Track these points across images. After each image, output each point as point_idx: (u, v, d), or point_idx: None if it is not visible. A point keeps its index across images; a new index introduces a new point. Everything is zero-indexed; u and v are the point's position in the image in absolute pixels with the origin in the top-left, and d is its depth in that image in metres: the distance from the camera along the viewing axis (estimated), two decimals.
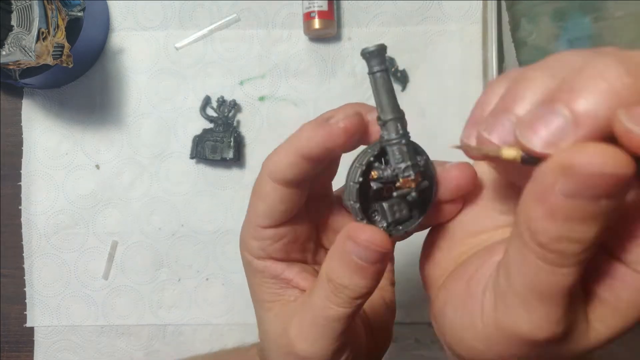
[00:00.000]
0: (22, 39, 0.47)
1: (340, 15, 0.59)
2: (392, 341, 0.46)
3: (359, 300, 0.26)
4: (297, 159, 0.26)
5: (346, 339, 0.28)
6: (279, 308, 0.30)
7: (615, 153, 0.16)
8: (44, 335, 0.59)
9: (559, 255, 0.19)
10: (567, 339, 0.21)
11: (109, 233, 0.59)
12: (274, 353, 0.30)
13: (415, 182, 0.24)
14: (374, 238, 0.24)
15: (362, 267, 0.25)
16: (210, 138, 0.58)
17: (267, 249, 0.29)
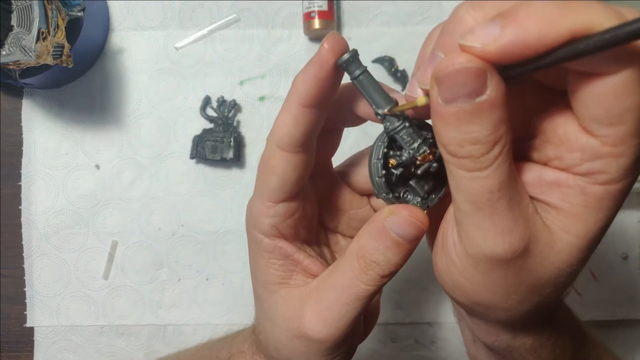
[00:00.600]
0: (22, 39, 0.47)
1: (340, 15, 0.59)
2: (393, 342, 0.46)
3: (386, 278, 0.27)
4: (298, 111, 0.27)
5: (356, 324, 0.29)
6: (286, 291, 0.30)
7: (459, 53, 0.20)
8: (44, 335, 0.59)
9: (469, 159, 0.21)
10: (532, 252, 0.23)
11: (109, 233, 0.59)
12: (280, 336, 0.30)
13: (432, 154, 0.26)
14: (416, 214, 0.26)
15: (398, 243, 0.26)
16: (210, 138, 0.58)
17: (280, 226, 0.29)
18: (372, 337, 0.59)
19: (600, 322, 0.59)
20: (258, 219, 0.30)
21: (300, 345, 0.29)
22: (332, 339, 0.28)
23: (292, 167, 0.28)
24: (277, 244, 0.30)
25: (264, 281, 0.31)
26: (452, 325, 0.59)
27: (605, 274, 0.59)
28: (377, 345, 0.59)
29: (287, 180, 0.28)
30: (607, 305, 0.58)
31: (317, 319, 0.28)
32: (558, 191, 0.22)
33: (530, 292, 0.24)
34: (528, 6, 0.19)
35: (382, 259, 0.26)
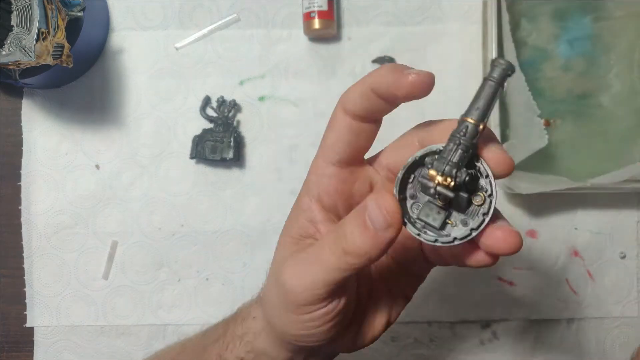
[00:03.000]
0: (22, 39, 0.47)
1: (340, 15, 0.59)
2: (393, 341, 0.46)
3: (349, 257, 0.27)
4: (367, 91, 0.28)
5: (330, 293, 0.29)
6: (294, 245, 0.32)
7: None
8: (43, 335, 0.59)
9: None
10: None
11: (109, 233, 0.59)
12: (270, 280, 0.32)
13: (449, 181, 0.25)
14: (387, 205, 0.26)
15: (367, 226, 0.27)
16: (210, 138, 0.58)
17: (321, 186, 0.31)
18: None
19: (597, 320, 0.59)
20: (309, 177, 0.32)
21: (276, 294, 0.31)
22: (299, 296, 0.29)
23: (349, 127, 0.30)
24: (312, 206, 0.31)
25: (286, 228, 0.33)
26: (451, 324, 0.59)
27: (602, 272, 0.59)
28: (377, 344, 0.59)
29: (343, 137, 0.30)
30: (603, 303, 0.59)
31: (292, 272, 0.29)
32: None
33: None
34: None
35: (349, 234, 0.27)
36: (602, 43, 0.57)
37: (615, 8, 0.57)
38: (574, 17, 0.57)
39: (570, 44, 0.57)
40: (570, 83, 0.57)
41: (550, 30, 0.57)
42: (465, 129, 0.25)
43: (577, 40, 0.57)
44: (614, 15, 0.57)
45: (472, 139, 0.25)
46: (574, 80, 0.57)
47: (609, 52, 0.57)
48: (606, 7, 0.57)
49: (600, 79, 0.57)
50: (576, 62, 0.57)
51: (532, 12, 0.57)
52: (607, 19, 0.57)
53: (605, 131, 0.56)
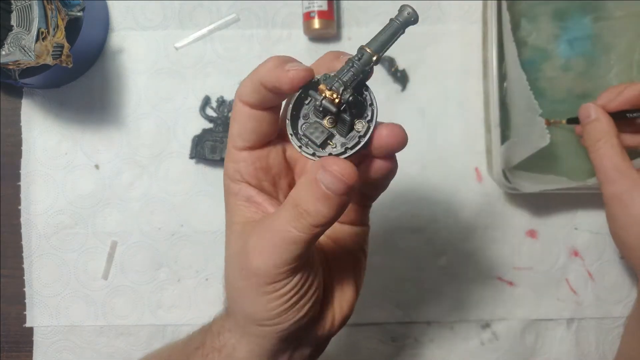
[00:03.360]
0: (22, 38, 0.47)
1: (340, 15, 0.59)
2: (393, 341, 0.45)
3: (318, 228, 0.29)
4: (257, 86, 0.30)
5: (300, 265, 0.30)
6: (244, 226, 0.32)
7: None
8: (43, 335, 0.59)
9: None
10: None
11: (109, 233, 0.59)
12: (230, 270, 0.33)
13: (331, 94, 0.27)
14: (345, 170, 0.28)
15: (327, 196, 0.28)
16: (210, 138, 0.58)
17: (241, 171, 0.33)
18: (372, 337, 0.59)
19: (596, 319, 0.59)
20: (226, 166, 0.33)
21: (244, 280, 0.31)
22: (270, 274, 0.30)
23: (249, 117, 0.31)
24: (240, 186, 0.33)
25: (229, 222, 0.33)
26: (451, 324, 0.59)
27: (602, 272, 0.59)
28: (377, 345, 0.59)
29: (246, 128, 0.31)
30: (603, 303, 0.59)
31: (258, 253, 0.30)
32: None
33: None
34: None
35: (312, 209, 0.28)
36: (602, 43, 0.57)
37: (615, 8, 0.57)
38: (574, 17, 0.57)
39: (570, 44, 0.57)
40: (570, 83, 0.57)
41: (550, 30, 0.57)
42: (361, 55, 0.28)
43: (577, 40, 0.57)
44: (614, 15, 0.57)
45: (365, 65, 0.27)
46: (574, 80, 0.57)
47: (609, 52, 0.57)
48: (606, 7, 0.57)
49: (600, 79, 0.57)
50: (576, 62, 0.57)
51: (532, 12, 0.57)
52: (607, 19, 0.57)
53: None
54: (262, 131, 0.32)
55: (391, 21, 0.28)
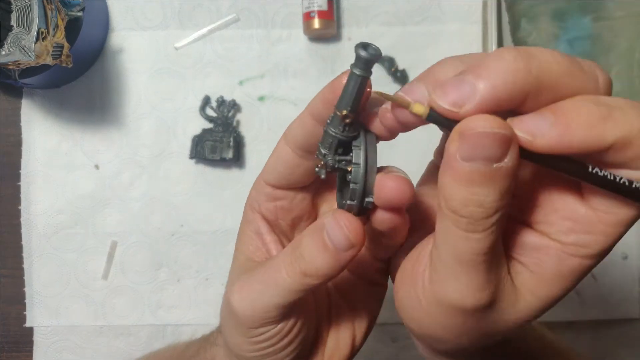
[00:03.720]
0: (22, 38, 0.47)
1: (340, 15, 0.59)
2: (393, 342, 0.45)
3: (308, 279, 0.26)
4: (306, 118, 0.27)
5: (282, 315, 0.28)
6: (245, 262, 0.31)
7: (495, 118, 0.20)
8: (43, 335, 0.59)
9: (468, 220, 0.21)
10: (496, 308, 0.23)
11: (109, 233, 0.59)
12: (223, 300, 0.31)
13: (320, 164, 0.26)
14: (352, 225, 0.25)
15: (327, 246, 0.26)
16: (210, 138, 0.58)
17: (261, 204, 0.31)
18: (372, 337, 0.59)
19: (598, 321, 0.59)
20: (251, 190, 0.31)
21: (227, 313, 0.30)
22: (246, 318, 0.28)
23: (285, 160, 0.29)
24: (255, 217, 0.31)
25: (236, 247, 0.32)
26: None
27: (604, 273, 0.59)
28: (377, 345, 0.59)
29: (277, 168, 0.29)
30: (606, 304, 0.59)
31: (239, 291, 0.28)
32: (536, 255, 0.23)
33: (482, 337, 0.25)
34: (576, 108, 0.21)
35: (307, 256, 0.26)
36: (602, 43, 0.57)
37: (615, 8, 0.56)
38: (574, 17, 0.57)
39: (570, 44, 0.57)
40: None
41: (550, 30, 0.57)
42: (331, 118, 0.26)
43: (577, 40, 0.57)
44: (614, 15, 0.57)
45: (335, 128, 0.26)
46: None
47: (609, 52, 0.57)
48: (606, 7, 0.57)
49: None
50: None
51: (532, 12, 0.57)
52: (607, 19, 0.57)
53: None
54: (294, 179, 0.30)
55: (351, 72, 0.24)
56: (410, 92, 0.23)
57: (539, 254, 0.23)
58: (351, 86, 0.25)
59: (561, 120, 0.20)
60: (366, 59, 0.24)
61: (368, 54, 0.24)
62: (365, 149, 0.26)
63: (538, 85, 0.21)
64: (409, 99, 0.23)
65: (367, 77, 0.24)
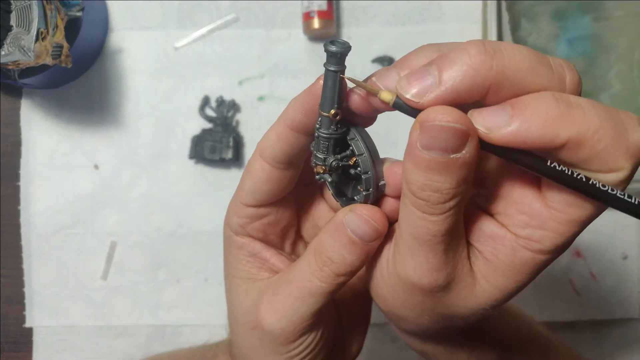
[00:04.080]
0: (21, 39, 0.47)
1: (340, 14, 0.59)
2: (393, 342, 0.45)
3: (342, 277, 0.27)
4: (284, 131, 0.27)
5: (316, 321, 0.28)
6: (250, 285, 0.31)
7: (453, 112, 0.21)
8: (42, 335, 0.59)
9: (425, 202, 0.22)
10: (453, 290, 0.24)
11: (108, 233, 0.59)
12: (240, 329, 0.31)
13: (321, 169, 0.27)
14: (375, 215, 0.26)
15: (354, 242, 0.26)
16: (209, 138, 0.58)
17: (246, 227, 0.31)
18: (372, 337, 0.59)
19: (598, 321, 0.59)
20: (230, 216, 0.31)
21: (255, 339, 0.30)
22: (285, 333, 0.28)
23: (268, 178, 0.29)
24: (244, 241, 0.31)
25: (230, 275, 0.31)
26: None
27: (604, 273, 0.59)
28: (377, 345, 0.59)
29: (260, 189, 0.29)
30: (606, 304, 0.59)
31: (271, 310, 0.28)
32: (492, 244, 0.24)
33: (442, 318, 0.26)
34: (536, 102, 0.21)
35: (337, 257, 0.26)
36: (602, 43, 0.57)
37: (615, 8, 0.56)
38: (574, 17, 0.57)
39: (570, 43, 0.57)
40: None
41: (550, 30, 0.57)
42: (320, 122, 0.26)
43: (577, 40, 0.57)
44: (614, 15, 0.56)
45: (327, 129, 0.26)
46: None
47: (609, 52, 0.57)
48: (606, 7, 0.56)
49: (600, 79, 0.57)
50: (576, 62, 0.57)
51: (532, 12, 0.57)
52: (607, 19, 0.57)
53: None
54: (278, 192, 0.29)
55: (326, 70, 0.25)
56: (382, 79, 0.24)
57: (495, 244, 0.24)
58: (330, 84, 0.25)
59: (518, 114, 0.21)
60: (337, 53, 0.24)
61: (338, 48, 0.24)
62: (362, 138, 0.26)
63: (500, 80, 0.21)
64: (379, 85, 0.24)
65: (342, 70, 0.25)
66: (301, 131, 0.27)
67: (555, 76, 0.22)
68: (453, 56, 0.22)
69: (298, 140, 0.27)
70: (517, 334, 0.37)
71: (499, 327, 0.36)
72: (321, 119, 0.26)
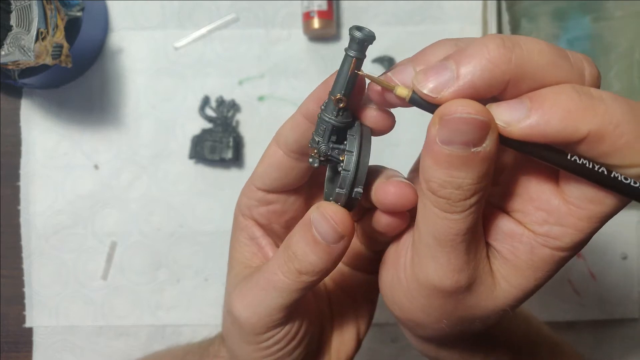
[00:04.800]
0: (21, 39, 0.47)
1: (340, 14, 0.59)
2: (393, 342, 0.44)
3: (305, 276, 0.26)
4: (298, 119, 0.27)
5: (288, 316, 0.28)
6: (240, 269, 0.31)
7: (474, 104, 0.21)
8: (42, 335, 0.59)
9: (446, 201, 0.22)
10: (474, 292, 0.24)
11: (108, 233, 0.59)
12: (224, 308, 0.31)
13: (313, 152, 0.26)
14: (338, 217, 0.25)
15: (317, 241, 0.25)
16: (209, 138, 0.58)
17: (252, 210, 0.31)
18: (372, 337, 0.59)
19: (598, 321, 0.59)
20: (240, 197, 0.31)
21: (229, 323, 0.30)
22: (250, 323, 0.28)
23: (278, 164, 0.29)
24: (247, 223, 0.31)
25: (231, 255, 0.32)
26: None
27: (604, 273, 0.59)
28: (377, 345, 0.59)
29: (269, 174, 0.29)
30: (606, 304, 0.59)
31: (240, 298, 0.28)
32: (510, 243, 0.24)
33: (461, 322, 0.26)
34: (555, 95, 0.20)
35: (300, 254, 0.26)
36: (602, 43, 0.57)
37: (615, 8, 0.56)
38: (574, 17, 0.57)
39: (570, 43, 0.57)
40: None
41: (550, 30, 0.57)
42: (325, 105, 0.26)
43: (577, 40, 0.57)
44: (614, 15, 0.57)
45: (329, 113, 0.25)
46: None
47: (609, 52, 0.57)
48: (606, 7, 0.57)
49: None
50: None
51: (532, 12, 0.57)
52: (607, 19, 0.57)
53: None
54: (287, 182, 0.29)
55: (345, 55, 0.24)
56: (398, 74, 0.23)
57: (513, 242, 0.24)
58: (345, 69, 0.24)
59: (537, 108, 0.20)
60: (360, 39, 0.24)
61: (363, 35, 0.24)
62: (360, 138, 0.26)
63: (519, 74, 0.21)
64: (395, 81, 0.23)
65: (361, 58, 0.24)
66: (314, 121, 0.27)
67: (574, 70, 0.21)
68: (471, 51, 0.21)
69: (311, 130, 0.27)
70: (526, 337, 0.37)
71: (510, 330, 0.35)
72: (327, 102, 0.26)
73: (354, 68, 0.24)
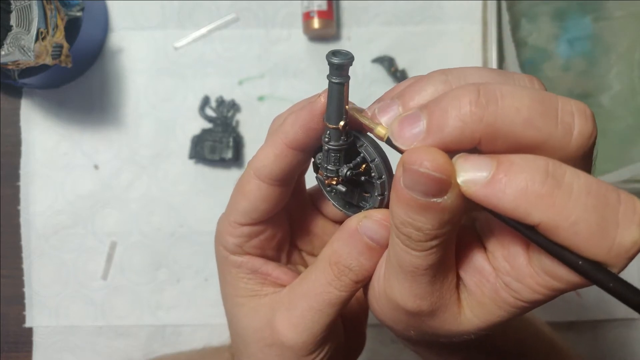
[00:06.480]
0: (21, 39, 0.47)
1: (340, 14, 0.59)
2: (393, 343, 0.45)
3: (359, 284, 0.27)
4: (283, 150, 0.27)
5: (331, 330, 0.29)
6: (256, 302, 0.30)
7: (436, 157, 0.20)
8: (42, 335, 0.59)
9: (407, 238, 0.22)
10: (438, 317, 0.24)
11: (108, 233, 0.59)
12: (252, 348, 0.30)
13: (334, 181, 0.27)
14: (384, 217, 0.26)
15: (371, 247, 0.26)
16: (209, 138, 0.58)
17: (243, 246, 0.30)
18: (372, 338, 0.59)
19: (598, 321, 0.59)
20: (223, 237, 0.30)
21: (273, 355, 0.29)
22: (306, 346, 0.28)
23: (264, 197, 0.28)
24: (243, 259, 0.30)
25: (232, 294, 0.31)
26: None
27: None
28: (377, 346, 0.59)
29: (257, 208, 0.29)
30: (606, 305, 0.59)
31: (290, 326, 0.28)
32: (478, 278, 0.24)
33: (428, 336, 0.26)
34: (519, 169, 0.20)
35: (355, 264, 0.26)
36: (602, 43, 0.57)
37: (615, 8, 0.56)
38: (574, 17, 0.57)
39: (570, 44, 0.57)
40: (570, 83, 0.57)
41: (550, 30, 0.57)
42: (329, 135, 0.26)
43: (577, 40, 0.57)
44: (614, 15, 0.57)
45: (337, 141, 0.26)
46: (574, 80, 0.57)
47: (609, 52, 0.57)
48: (606, 7, 0.57)
49: (600, 79, 0.57)
50: (576, 62, 0.57)
51: (532, 12, 0.57)
52: (607, 19, 0.57)
53: (605, 131, 0.56)
54: (275, 208, 0.29)
55: (330, 82, 0.24)
56: (382, 112, 0.24)
57: (481, 278, 0.24)
58: (335, 96, 0.25)
59: (496, 179, 0.20)
60: (339, 64, 0.24)
61: (340, 59, 0.24)
62: (371, 144, 0.26)
63: (490, 133, 0.20)
64: (379, 120, 0.24)
65: (347, 81, 0.25)
66: (302, 149, 0.27)
67: (558, 130, 0.20)
68: (444, 104, 0.21)
69: (297, 158, 0.27)
70: (520, 343, 0.37)
71: (505, 334, 0.35)
72: (329, 132, 0.26)
73: (345, 93, 0.25)
